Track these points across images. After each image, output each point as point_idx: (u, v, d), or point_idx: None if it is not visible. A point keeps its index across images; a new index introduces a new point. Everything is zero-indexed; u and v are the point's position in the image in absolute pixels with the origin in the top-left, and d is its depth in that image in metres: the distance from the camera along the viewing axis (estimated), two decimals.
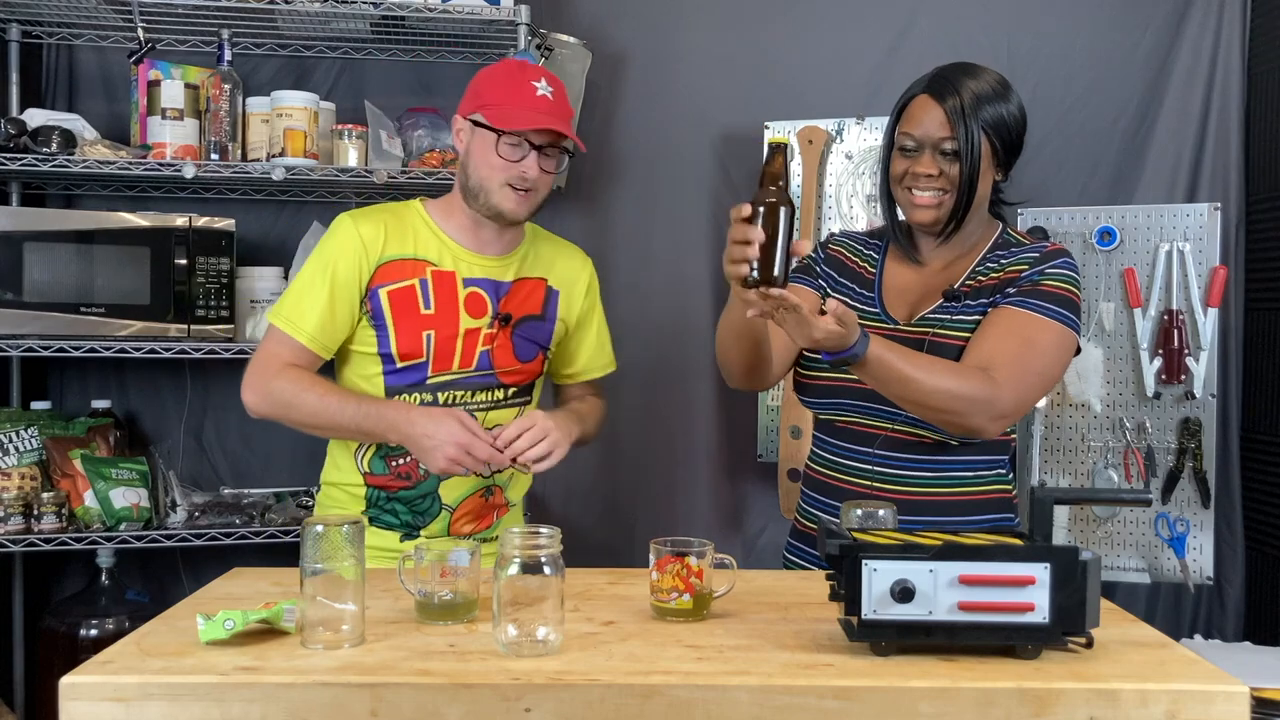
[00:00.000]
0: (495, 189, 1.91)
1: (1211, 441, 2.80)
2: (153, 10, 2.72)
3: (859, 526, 1.60)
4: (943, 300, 1.88)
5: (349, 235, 1.93)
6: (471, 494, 2.01)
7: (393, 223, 1.97)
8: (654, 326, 3.12)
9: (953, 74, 1.85)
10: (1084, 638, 1.35)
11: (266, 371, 1.92)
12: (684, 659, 1.33)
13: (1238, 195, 3.02)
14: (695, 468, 3.15)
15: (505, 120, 1.88)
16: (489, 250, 2.00)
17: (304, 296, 1.93)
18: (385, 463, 1.98)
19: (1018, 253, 1.90)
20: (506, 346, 2.00)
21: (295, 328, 1.92)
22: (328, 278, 1.91)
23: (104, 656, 1.31)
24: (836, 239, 2.08)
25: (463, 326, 1.95)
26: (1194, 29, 3.04)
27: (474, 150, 1.93)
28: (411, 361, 1.94)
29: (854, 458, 1.90)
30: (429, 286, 1.95)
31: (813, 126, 2.88)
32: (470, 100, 1.96)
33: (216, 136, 2.69)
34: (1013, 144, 1.87)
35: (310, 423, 1.92)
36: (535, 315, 2.04)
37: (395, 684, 1.24)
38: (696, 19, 3.12)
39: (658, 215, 3.14)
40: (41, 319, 2.58)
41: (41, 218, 2.71)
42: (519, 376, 2.03)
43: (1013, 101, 1.86)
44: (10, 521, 2.60)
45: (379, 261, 1.93)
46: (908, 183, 1.87)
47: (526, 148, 1.89)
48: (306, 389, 1.89)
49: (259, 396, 1.92)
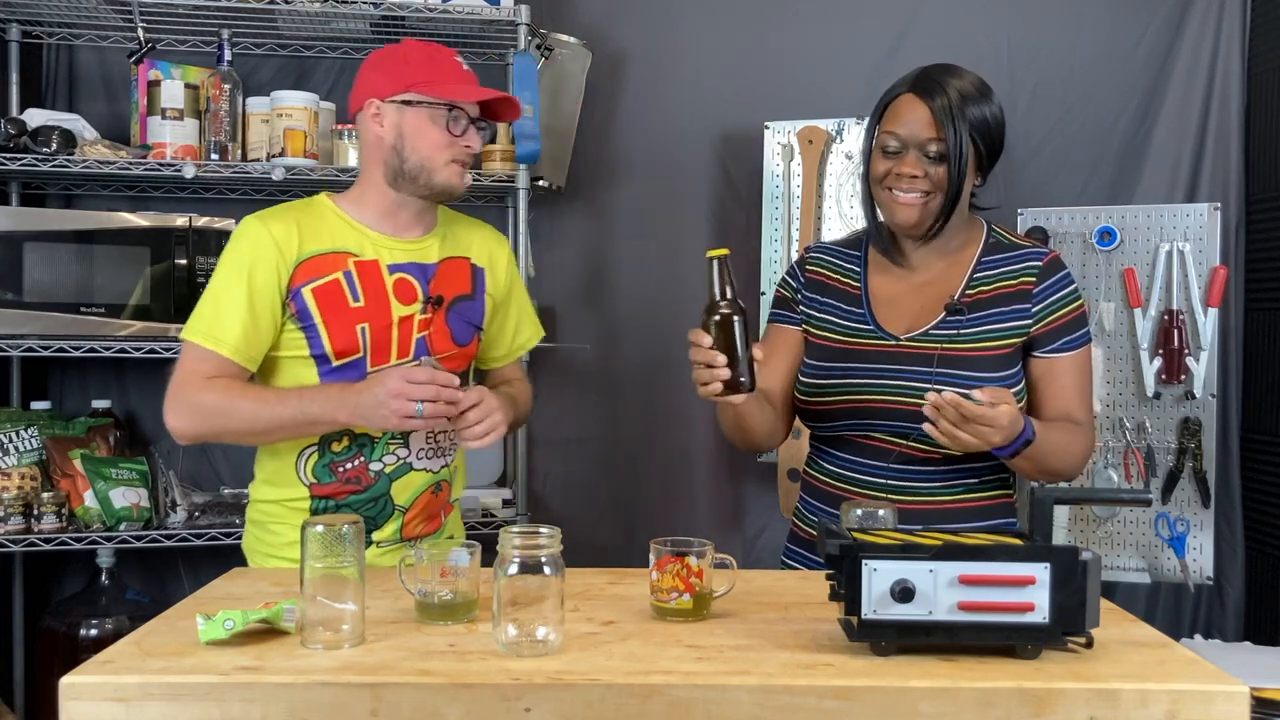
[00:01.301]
0: (440, 166, 1.86)
1: (1211, 441, 2.80)
2: (153, 10, 2.72)
3: (859, 526, 1.61)
4: (945, 314, 1.85)
5: (261, 237, 1.83)
6: (423, 491, 1.94)
7: (304, 219, 1.88)
8: (654, 327, 3.12)
9: (937, 73, 1.82)
10: (1084, 638, 1.35)
11: (189, 390, 1.80)
12: (684, 659, 1.33)
13: (1238, 195, 3.02)
14: (695, 468, 3.15)
15: (449, 93, 1.83)
16: (408, 234, 1.93)
17: (221, 307, 1.81)
18: (331, 470, 1.89)
19: (1014, 259, 1.87)
20: (443, 330, 1.93)
21: (216, 341, 1.80)
22: (244, 284, 1.81)
23: (104, 656, 1.31)
24: (812, 256, 2.01)
25: (395, 315, 1.88)
26: (1194, 29, 3.04)
27: (409, 130, 1.85)
28: (348, 358, 1.86)
29: (862, 470, 1.87)
30: (354, 278, 1.87)
31: (813, 126, 2.88)
32: (389, 80, 1.86)
33: (216, 136, 2.69)
34: (993, 147, 1.84)
35: (249, 428, 1.81)
36: (466, 295, 1.98)
37: (395, 684, 1.24)
38: (696, 19, 3.12)
39: (658, 215, 3.14)
40: (41, 319, 2.58)
41: (41, 218, 2.71)
42: (457, 361, 1.95)
43: (994, 104, 1.83)
44: (10, 521, 2.60)
45: (297, 260, 1.84)
46: (889, 183, 1.83)
47: (467, 120, 1.86)
48: (239, 395, 1.80)
49: (186, 418, 1.80)
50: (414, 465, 1.92)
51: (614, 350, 3.13)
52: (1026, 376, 1.86)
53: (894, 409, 1.82)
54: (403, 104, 1.85)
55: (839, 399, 1.87)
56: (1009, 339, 1.84)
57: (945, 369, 1.81)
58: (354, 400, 1.76)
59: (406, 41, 1.91)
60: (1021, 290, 1.85)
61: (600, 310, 3.14)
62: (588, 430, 3.09)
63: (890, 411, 1.82)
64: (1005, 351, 1.83)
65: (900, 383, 1.82)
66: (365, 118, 1.89)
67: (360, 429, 1.85)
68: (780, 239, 2.93)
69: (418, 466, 1.93)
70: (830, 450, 1.93)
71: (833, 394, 1.87)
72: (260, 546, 1.97)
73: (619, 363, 3.14)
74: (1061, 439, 1.78)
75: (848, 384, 1.86)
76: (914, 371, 1.82)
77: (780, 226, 2.93)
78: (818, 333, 1.93)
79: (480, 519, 2.83)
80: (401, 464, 1.91)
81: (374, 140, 1.89)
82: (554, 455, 3.09)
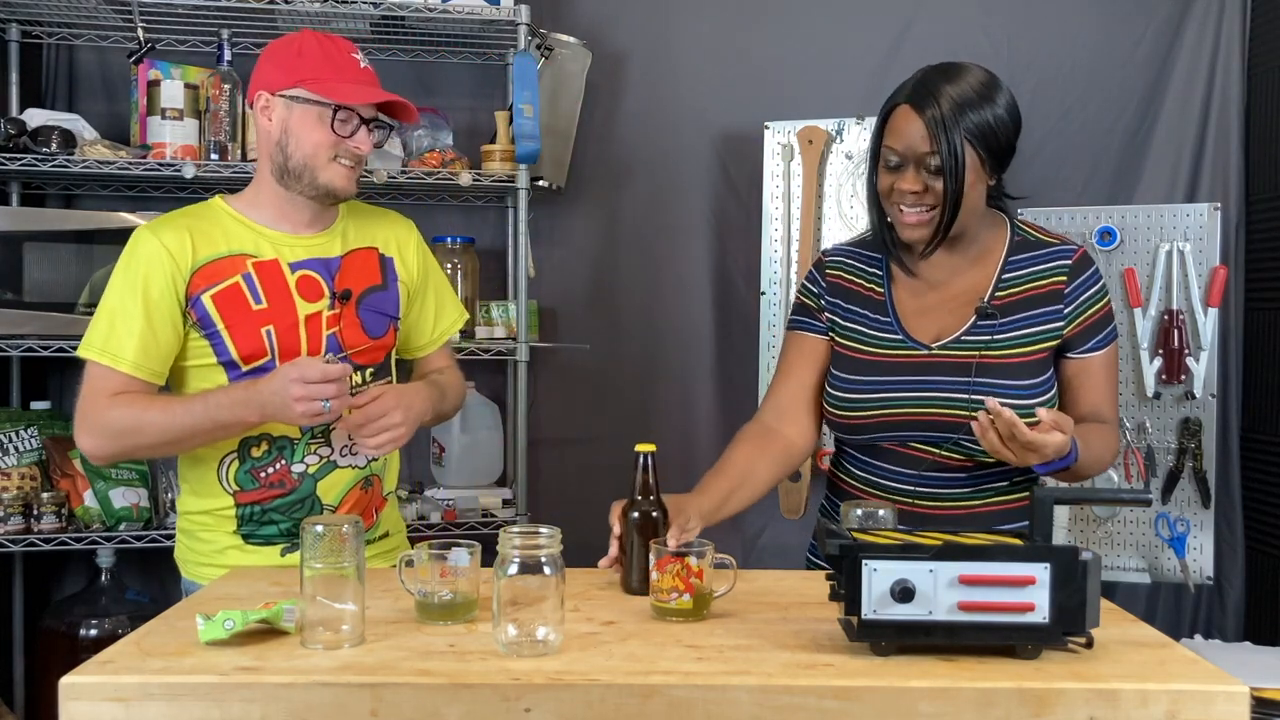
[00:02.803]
0: (323, 166, 1.82)
1: (1211, 441, 2.79)
2: (153, 10, 2.72)
3: (859, 526, 1.61)
4: (976, 319, 1.81)
5: (153, 248, 1.79)
6: (351, 488, 1.91)
7: (196, 225, 1.84)
8: (654, 326, 3.12)
9: (934, 80, 1.75)
10: (1084, 638, 1.35)
11: (96, 409, 1.76)
12: (684, 659, 1.33)
13: (1238, 195, 3.02)
14: (695, 468, 3.12)
15: (338, 94, 1.79)
16: (306, 230, 1.89)
17: (117, 323, 1.78)
18: (253, 476, 1.85)
19: (1042, 258, 1.84)
20: (354, 324, 1.89)
21: (115, 358, 1.77)
22: (139, 298, 1.77)
23: (104, 656, 1.31)
24: (832, 259, 1.96)
25: (301, 313, 1.84)
26: (1194, 29, 3.04)
27: (294, 127, 1.81)
28: (257, 363, 1.82)
29: (894, 477, 1.85)
30: (254, 280, 1.83)
31: (813, 126, 2.88)
32: (282, 74, 1.82)
33: (216, 136, 2.69)
34: (1001, 148, 1.77)
35: (162, 440, 1.78)
36: (377, 286, 1.94)
37: (395, 684, 1.24)
38: (696, 19, 3.12)
39: (658, 215, 3.14)
40: (41, 319, 2.58)
41: (41, 218, 2.71)
42: (373, 355, 1.92)
43: (999, 103, 1.75)
44: (10, 521, 2.60)
45: (193, 268, 1.80)
46: (894, 199, 1.79)
47: (357, 121, 1.82)
48: (145, 408, 1.76)
49: (96, 438, 1.77)
50: (338, 463, 1.89)
51: (614, 350, 3.13)
52: (1059, 377, 1.84)
53: (928, 420, 1.79)
54: (290, 99, 1.81)
55: (872, 413, 1.83)
56: (1043, 343, 1.81)
57: (984, 378, 1.78)
58: (259, 400, 1.73)
59: (304, 33, 1.86)
60: (1053, 291, 1.82)
61: (600, 310, 3.14)
62: (588, 430, 3.08)
63: (925, 423, 1.80)
64: (1039, 356, 1.80)
65: (934, 394, 1.79)
66: (256, 110, 1.85)
67: (279, 431, 1.84)
68: (780, 239, 2.93)
69: (342, 464, 1.90)
70: (859, 455, 1.90)
71: (865, 408, 1.83)
72: (192, 556, 1.94)
73: (619, 363, 3.13)
74: (1097, 447, 1.77)
75: (881, 398, 1.82)
76: (948, 382, 1.79)
77: (780, 226, 2.93)
78: (845, 343, 1.89)
79: (480, 519, 2.83)
80: (325, 462, 1.89)
81: (264, 134, 1.86)
82: (554, 455, 3.09)
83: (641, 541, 1.60)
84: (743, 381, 3.07)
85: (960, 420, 1.75)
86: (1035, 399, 1.78)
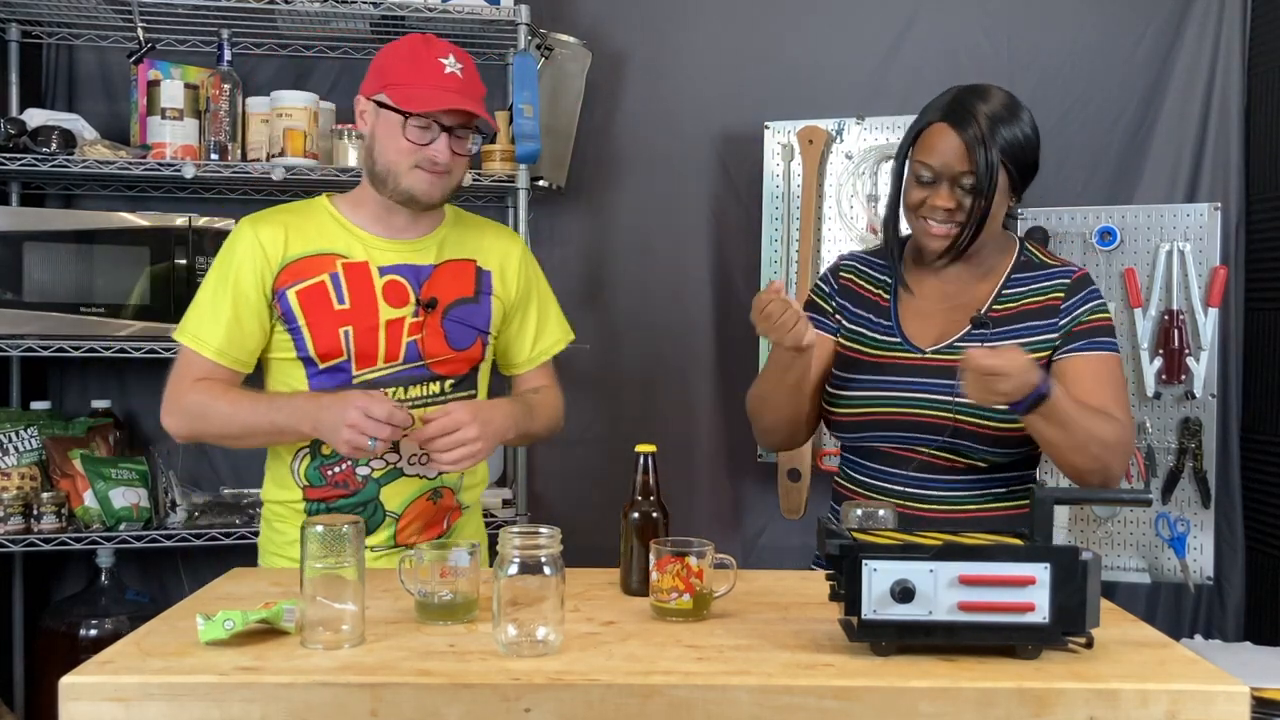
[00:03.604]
0: (404, 172, 1.82)
1: (1211, 441, 2.79)
2: (153, 10, 2.72)
3: (859, 526, 1.61)
4: (971, 327, 1.85)
5: (248, 241, 1.85)
6: (417, 498, 1.91)
7: (294, 221, 1.88)
8: (654, 326, 3.12)
9: (969, 99, 1.80)
10: (1084, 638, 1.35)
11: (179, 391, 1.84)
12: (684, 659, 1.33)
13: (1238, 195, 3.02)
14: (695, 468, 3.14)
15: (411, 101, 1.79)
16: (403, 236, 1.90)
17: (207, 310, 1.85)
18: (320, 473, 1.88)
19: (1043, 277, 1.88)
20: (437, 334, 1.89)
21: (201, 343, 1.84)
22: (229, 288, 1.83)
23: (104, 656, 1.31)
24: (846, 264, 2.02)
25: (383, 317, 1.85)
26: (1194, 29, 3.04)
27: (379, 133, 1.83)
28: (333, 361, 1.85)
29: (887, 479, 1.88)
30: (340, 280, 1.85)
31: (813, 126, 2.88)
32: (374, 79, 1.85)
33: (216, 136, 2.69)
34: (1027, 168, 1.83)
35: (225, 432, 1.85)
36: (468, 298, 1.93)
37: (395, 684, 1.24)
38: (696, 19, 3.12)
39: (658, 215, 3.14)
40: (41, 319, 2.58)
41: (41, 218, 2.71)
42: (455, 366, 1.91)
43: (1024, 121, 1.81)
44: (10, 521, 2.60)
45: (282, 263, 1.84)
46: (924, 213, 1.83)
47: (436, 130, 1.80)
48: (216, 398, 1.82)
49: (174, 418, 1.85)
50: (405, 471, 1.90)
51: (614, 350, 3.13)
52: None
53: (915, 420, 1.83)
54: (377, 105, 1.83)
55: (864, 410, 1.88)
56: (1037, 353, 1.82)
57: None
58: (316, 415, 1.77)
59: (407, 36, 1.88)
60: (1050, 305, 1.85)
61: (600, 310, 3.14)
62: (588, 430, 3.08)
63: (912, 423, 1.84)
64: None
65: (922, 394, 1.83)
66: (357, 113, 1.89)
67: None
68: (780, 239, 2.93)
69: (409, 472, 1.90)
70: (858, 459, 1.94)
71: (858, 405, 1.88)
72: (269, 545, 1.98)
73: (619, 363, 3.13)
74: (1090, 414, 1.73)
75: (872, 396, 1.87)
76: (936, 384, 1.82)
77: (780, 226, 2.93)
78: (847, 344, 1.94)
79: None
80: (390, 469, 1.89)
81: (364, 138, 1.89)
82: (554, 455, 3.08)
83: (641, 542, 1.60)
84: (743, 381, 3.05)
85: (945, 422, 1.81)
86: None
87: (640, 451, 1.66)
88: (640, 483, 1.65)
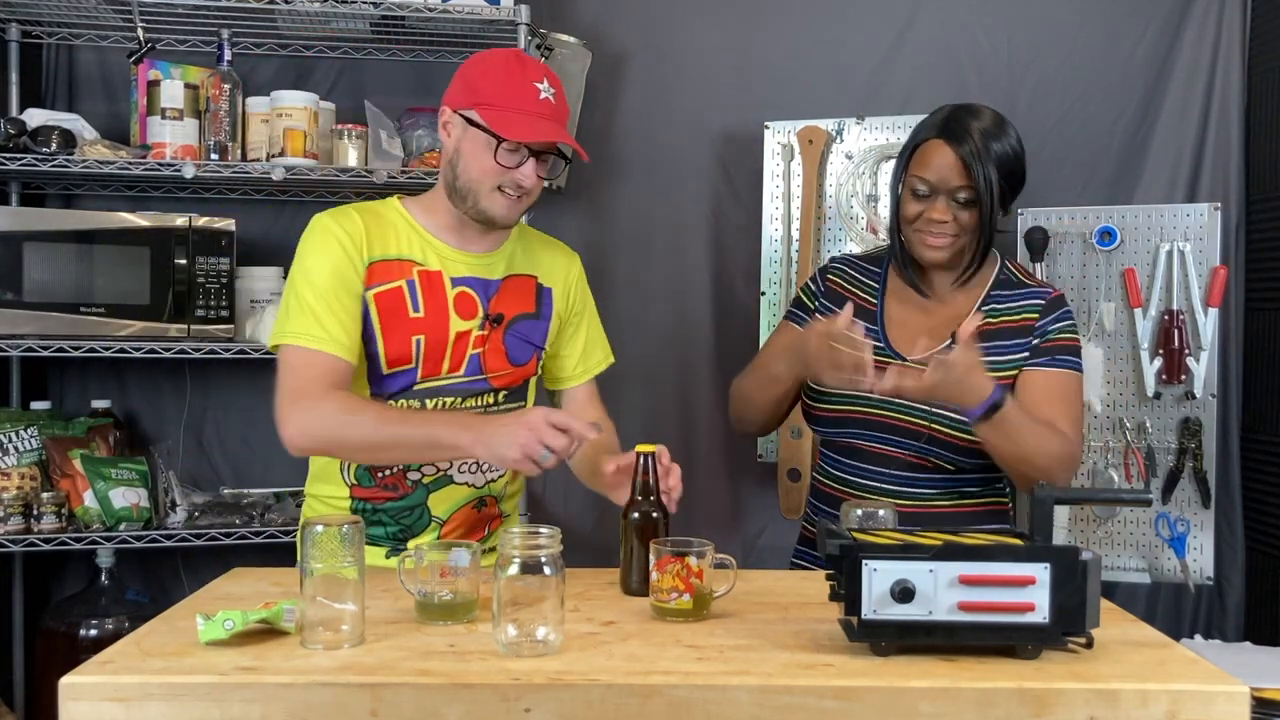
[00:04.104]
0: (486, 193, 1.79)
1: (1211, 441, 2.79)
2: (153, 10, 2.72)
3: (859, 526, 1.61)
4: (952, 340, 1.86)
5: (338, 234, 1.79)
6: (463, 505, 1.90)
7: (373, 222, 1.84)
8: (654, 326, 3.12)
9: (962, 117, 1.88)
10: (1084, 638, 1.35)
11: (308, 398, 1.71)
12: (684, 659, 1.33)
13: (1238, 195, 3.02)
14: (695, 468, 3.14)
15: (507, 127, 1.74)
16: (474, 248, 1.88)
17: (310, 305, 1.75)
18: (371, 474, 1.86)
19: (1021, 296, 1.96)
20: (499, 349, 1.88)
21: (318, 340, 1.73)
22: (333, 279, 1.76)
23: (104, 656, 1.31)
24: (834, 267, 2.08)
25: (453, 329, 1.84)
26: (1194, 29, 3.04)
27: (465, 150, 1.79)
28: (399, 368, 1.82)
29: (865, 475, 1.94)
30: (417, 288, 1.82)
31: (813, 126, 2.88)
32: (464, 93, 1.81)
33: (216, 136, 2.69)
34: (1015, 180, 1.91)
35: (367, 443, 1.73)
36: (529, 314, 1.93)
37: (395, 684, 1.24)
38: (696, 19, 3.12)
39: (658, 215, 3.14)
40: (41, 319, 2.57)
41: (41, 218, 2.71)
42: (511, 379, 1.92)
43: (1012, 136, 1.90)
44: (10, 521, 2.60)
45: (367, 262, 1.80)
46: (919, 226, 1.90)
47: (525, 153, 1.77)
48: (361, 409, 1.73)
49: (304, 427, 1.71)
50: (454, 478, 1.88)
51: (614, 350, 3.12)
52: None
53: (890, 424, 1.90)
54: (466, 121, 1.79)
55: (844, 409, 1.94)
56: (1009, 370, 1.91)
57: None
58: (483, 427, 1.66)
59: (497, 52, 1.84)
60: (1024, 325, 1.93)
61: (600, 310, 3.12)
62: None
63: (892, 426, 1.90)
64: (1005, 382, 1.87)
65: (903, 401, 1.86)
66: (440, 122, 1.85)
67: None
68: (780, 239, 2.93)
69: (459, 480, 1.88)
70: (834, 455, 2.00)
71: (839, 403, 1.94)
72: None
73: (619, 363, 3.12)
74: (1037, 427, 1.81)
75: (853, 395, 1.90)
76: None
77: (780, 226, 2.93)
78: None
79: None
80: (441, 475, 1.87)
81: (444, 148, 1.86)
82: None
83: (641, 542, 1.60)
84: None
85: (920, 429, 1.88)
86: None
87: (640, 451, 1.66)
88: (640, 483, 1.65)
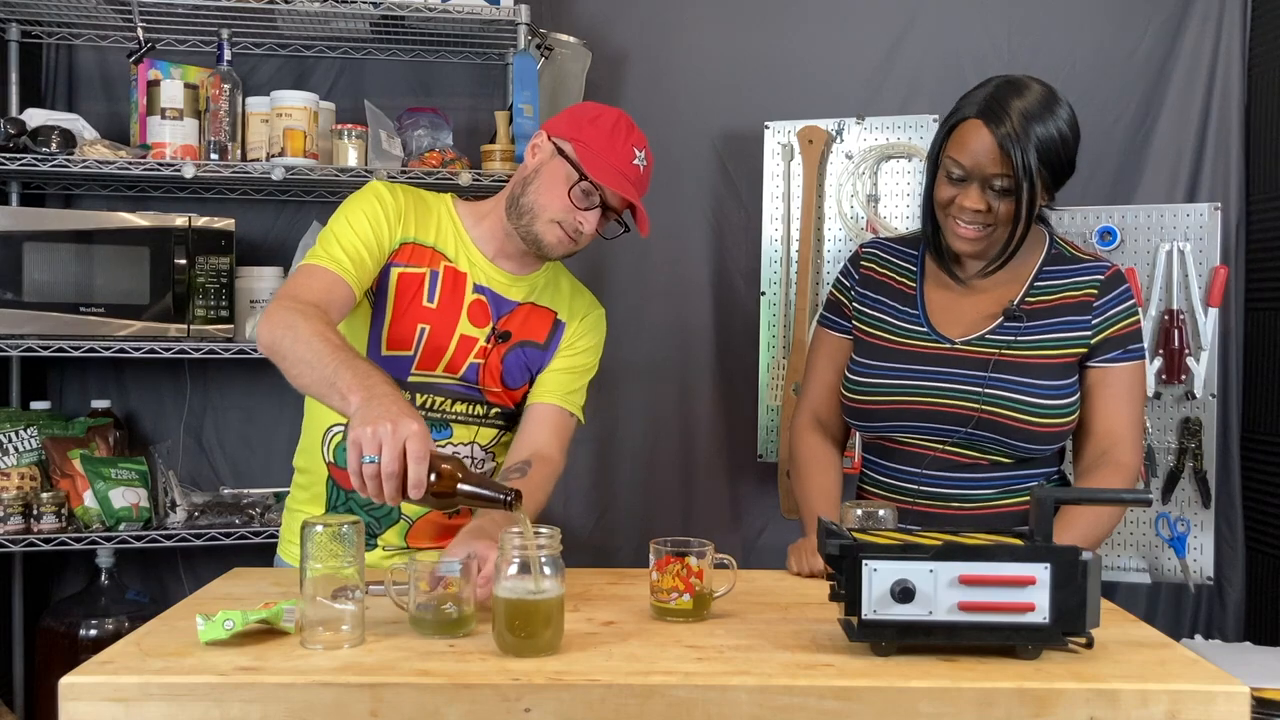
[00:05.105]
0: (545, 220, 1.82)
1: (1211, 441, 2.79)
2: (152, 10, 2.72)
3: (859, 526, 1.61)
4: (1004, 319, 1.83)
5: (386, 199, 1.84)
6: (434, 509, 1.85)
7: (420, 205, 1.90)
8: (654, 326, 3.12)
9: (1004, 95, 1.74)
10: (1084, 638, 1.35)
11: (287, 299, 1.67)
12: (684, 659, 1.33)
13: (1238, 195, 3.02)
14: (695, 468, 3.15)
15: (595, 169, 1.79)
16: (506, 265, 1.91)
17: (337, 236, 1.78)
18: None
19: (1076, 271, 1.87)
20: (496, 367, 1.89)
21: (325, 259, 1.75)
22: (365, 227, 1.80)
23: (104, 656, 1.31)
24: (867, 253, 1.99)
25: (460, 330, 1.86)
26: (1194, 29, 3.04)
27: (545, 174, 1.83)
28: (398, 353, 1.84)
29: (901, 477, 1.89)
30: (439, 280, 1.86)
31: (813, 126, 2.88)
32: (568, 126, 1.85)
33: (216, 136, 2.69)
34: (1064, 167, 1.78)
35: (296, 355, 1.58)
36: (537, 343, 1.94)
37: (395, 684, 1.24)
38: (696, 19, 3.12)
39: (658, 215, 3.10)
40: (41, 319, 2.57)
41: (41, 218, 2.70)
42: (501, 399, 1.92)
43: (1061, 117, 1.75)
44: (10, 521, 2.60)
45: (401, 238, 1.85)
46: (953, 212, 1.79)
47: (595, 202, 1.82)
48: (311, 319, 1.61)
49: (265, 325, 1.64)
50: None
51: (614, 350, 3.11)
52: (1081, 387, 1.84)
53: (939, 411, 1.82)
54: (557, 149, 1.83)
55: (887, 399, 1.86)
56: (1068, 349, 1.82)
57: (1000, 374, 1.80)
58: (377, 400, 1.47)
59: (615, 111, 1.87)
60: (1083, 302, 1.84)
61: None
62: (588, 430, 3.07)
63: (936, 413, 1.82)
64: (1063, 361, 1.82)
65: (950, 385, 1.81)
66: (530, 143, 1.89)
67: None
68: (780, 239, 2.93)
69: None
70: (874, 458, 1.94)
71: (881, 394, 1.86)
72: (287, 534, 1.97)
73: (619, 363, 3.13)
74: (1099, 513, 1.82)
75: (898, 385, 1.85)
76: (965, 375, 1.81)
77: (780, 226, 2.93)
78: (870, 330, 1.93)
79: None
80: None
81: (523, 165, 1.89)
82: None
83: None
84: (743, 381, 3.07)
85: (970, 413, 1.79)
86: (1053, 401, 1.80)
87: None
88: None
